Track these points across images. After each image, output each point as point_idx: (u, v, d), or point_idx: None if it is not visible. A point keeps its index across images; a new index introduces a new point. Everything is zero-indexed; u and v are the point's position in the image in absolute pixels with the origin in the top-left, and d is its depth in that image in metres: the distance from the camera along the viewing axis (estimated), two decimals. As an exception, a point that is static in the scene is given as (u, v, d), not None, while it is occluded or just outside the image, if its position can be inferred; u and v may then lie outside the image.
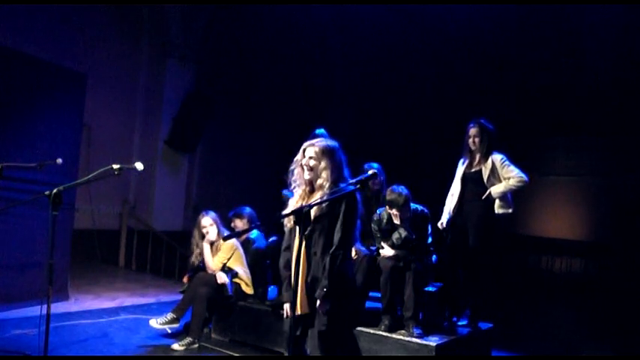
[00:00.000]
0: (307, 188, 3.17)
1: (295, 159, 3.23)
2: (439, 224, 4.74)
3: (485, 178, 4.56)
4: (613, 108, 9.92)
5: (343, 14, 10.17)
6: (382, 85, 11.33)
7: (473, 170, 4.66)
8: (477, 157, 4.63)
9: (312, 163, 3.12)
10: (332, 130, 5.28)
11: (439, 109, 10.60)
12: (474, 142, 4.61)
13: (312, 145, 3.16)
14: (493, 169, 4.55)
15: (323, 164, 3.12)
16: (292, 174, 3.23)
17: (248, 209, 5.51)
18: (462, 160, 4.78)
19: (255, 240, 5.34)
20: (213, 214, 5.10)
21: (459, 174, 4.75)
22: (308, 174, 3.13)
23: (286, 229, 3.22)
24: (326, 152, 3.14)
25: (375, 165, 4.95)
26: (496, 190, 4.51)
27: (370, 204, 4.80)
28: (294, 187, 3.24)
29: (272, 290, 5.27)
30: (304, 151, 3.17)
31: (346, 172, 3.20)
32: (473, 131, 4.62)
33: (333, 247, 3.01)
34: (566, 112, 10.36)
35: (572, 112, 10.28)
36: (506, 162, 4.56)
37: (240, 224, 5.43)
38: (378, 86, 11.37)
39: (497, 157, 4.57)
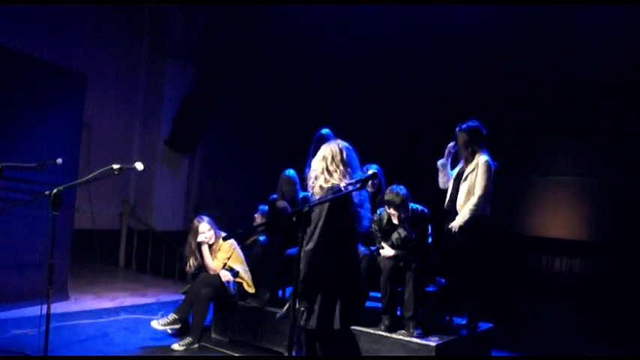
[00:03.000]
0: None
1: None
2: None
3: (465, 174, 4.62)
4: (613, 108, 9.92)
5: (344, 14, 10.16)
6: (383, 84, 11.33)
7: (462, 169, 4.73)
8: (466, 157, 4.71)
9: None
10: (333, 130, 5.29)
11: (440, 109, 10.60)
12: (462, 145, 4.69)
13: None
14: (475, 169, 4.59)
15: (314, 162, 3.28)
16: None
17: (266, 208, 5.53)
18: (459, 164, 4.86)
19: (263, 242, 5.37)
20: (207, 218, 5.12)
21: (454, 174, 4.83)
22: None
23: None
24: (319, 150, 3.31)
25: (374, 166, 4.94)
26: (457, 221, 4.53)
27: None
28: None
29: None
30: None
31: (349, 171, 3.22)
32: (460, 136, 4.70)
33: (307, 244, 3.06)
34: (566, 112, 10.36)
35: (572, 112, 10.28)
36: (485, 168, 4.54)
37: (260, 222, 5.47)
38: (380, 86, 11.37)
39: (482, 160, 4.58)
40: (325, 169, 3.21)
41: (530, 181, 11.65)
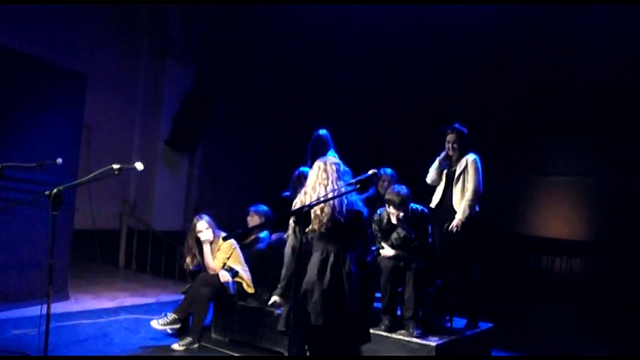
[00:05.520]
0: None
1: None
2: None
3: (456, 175, 4.71)
4: (613, 108, 9.92)
5: (344, 14, 10.17)
6: (383, 84, 11.33)
7: (452, 170, 4.80)
8: (455, 159, 4.80)
9: None
10: (333, 130, 5.29)
11: (440, 109, 10.60)
12: (452, 147, 4.77)
13: None
14: (465, 168, 4.69)
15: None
16: None
17: (264, 207, 5.51)
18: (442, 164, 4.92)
19: (262, 240, 5.35)
20: (206, 217, 5.10)
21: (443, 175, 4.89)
22: None
23: None
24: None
25: (389, 170, 5.08)
26: (458, 217, 4.59)
27: (375, 206, 4.82)
28: None
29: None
30: None
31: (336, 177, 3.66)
32: (450, 137, 4.78)
33: None
34: (566, 112, 10.36)
35: (572, 112, 10.28)
36: (476, 166, 4.68)
37: (256, 221, 5.44)
38: (379, 86, 11.37)
39: (470, 158, 4.71)
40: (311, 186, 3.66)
41: (530, 181, 11.65)
